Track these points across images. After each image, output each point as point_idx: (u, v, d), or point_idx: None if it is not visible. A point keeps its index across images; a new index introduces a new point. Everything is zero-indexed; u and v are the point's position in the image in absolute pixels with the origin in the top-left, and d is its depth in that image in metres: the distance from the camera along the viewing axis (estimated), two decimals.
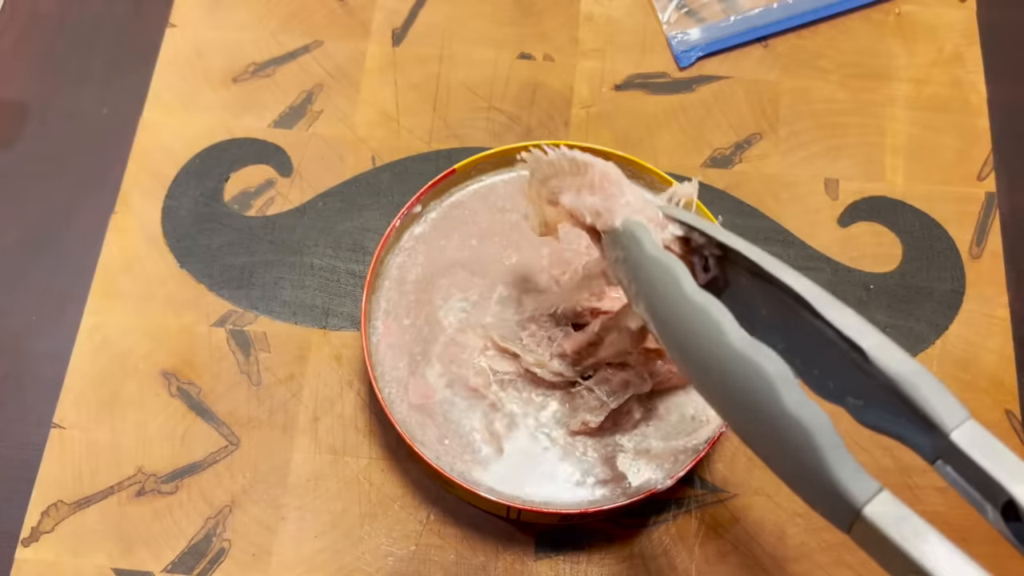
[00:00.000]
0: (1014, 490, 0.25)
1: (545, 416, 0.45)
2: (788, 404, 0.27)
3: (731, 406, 0.30)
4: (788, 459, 0.28)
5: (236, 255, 0.51)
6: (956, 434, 0.26)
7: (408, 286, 0.47)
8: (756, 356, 0.28)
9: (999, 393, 0.48)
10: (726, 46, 0.57)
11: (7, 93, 0.56)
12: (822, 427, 0.27)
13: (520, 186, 0.50)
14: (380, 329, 0.46)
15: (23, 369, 0.49)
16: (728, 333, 0.29)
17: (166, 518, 0.45)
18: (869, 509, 0.26)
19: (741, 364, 0.28)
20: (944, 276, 0.51)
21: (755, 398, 0.28)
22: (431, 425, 0.44)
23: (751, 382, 0.28)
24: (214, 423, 0.47)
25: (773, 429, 0.28)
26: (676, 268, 0.32)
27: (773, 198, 0.53)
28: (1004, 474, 0.25)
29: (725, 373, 0.29)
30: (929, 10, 0.58)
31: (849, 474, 0.26)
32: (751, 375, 0.28)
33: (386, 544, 0.45)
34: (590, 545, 0.45)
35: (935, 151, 0.54)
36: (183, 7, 0.58)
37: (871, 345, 0.28)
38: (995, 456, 0.26)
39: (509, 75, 0.56)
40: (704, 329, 0.30)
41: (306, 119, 0.55)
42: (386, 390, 0.45)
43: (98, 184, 0.53)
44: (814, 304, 0.30)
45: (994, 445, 0.26)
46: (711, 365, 0.30)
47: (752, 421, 0.29)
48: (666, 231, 0.35)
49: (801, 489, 0.28)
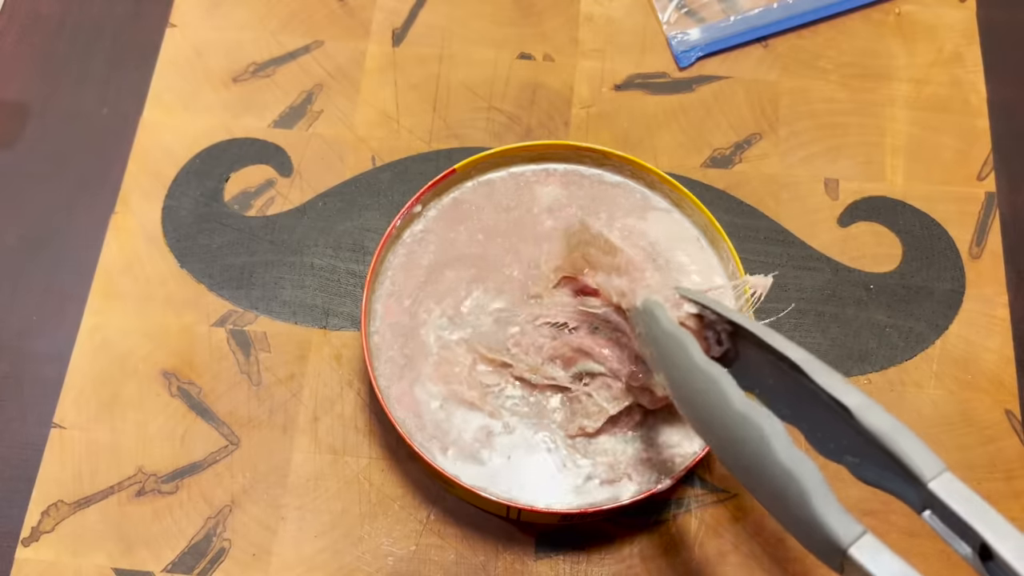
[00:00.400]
0: (986, 535, 0.28)
1: (544, 418, 0.45)
2: (780, 455, 0.31)
3: (734, 458, 0.34)
4: (782, 505, 0.31)
5: (236, 255, 0.51)
6: (933, 484, 0.29)
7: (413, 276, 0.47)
8: (753, 415, 0.32)
9: (999, 393, 0.48)
10: (726, 46, 0.57)
11: (7, 93, 0.56)
12: (810, 475, 0.30)
13: (518, 183, 0.50)
14: (381, 312, 0.46)
15: (23, 369, 0.49)
16: (730, 396, 0.33)
17: (166, 518, 0.45)
18: (854, 550, 0.28)
19: (741, 422, 0.32)
20: (944, 276, 0.51)
21: (753, 451, 0.32)
22: (429, 427, 0.44)
23: (750, 438, 0.32)
24: (214, 423, 0.47)
25: (769, 478, 0.31)
26: (687, 341, 0.36)
27: (773, 198, 0.53)
28: (977, 520, 0.28)
29: (728, 430, 0.33)
30: (929, 10, 0.58)
31: (835, 517, 0.29)
32: (750, 432, 0.32)
33: (386, 544, 0.45)
34: (590, 545, 0.45)
35: (935, 151, 0.54)
36: (183, 7, 0.58)
37: (855, 404, 0.31)
38: (969, 504, 0.29)
39: (509, 75, 0.56)
40: (711, 393, 0.34)
41: (306, 119, 0.55)
42: (385, 388, 0.45)
43: (98, 184, 0.53)
44: (805, 369, 0.33)
45: (968, 495, 0.29)
46: (717, 424, 0.34)
47: (752, 472, 0.32)
48: (681, 309, 0.39)
49: (796, 532, 0.31)
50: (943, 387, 0.48)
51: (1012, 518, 0.46)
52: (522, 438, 0.44)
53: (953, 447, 0.47)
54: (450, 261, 0.48)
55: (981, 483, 0.46)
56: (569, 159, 0.50)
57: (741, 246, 0.51)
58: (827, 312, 0.50)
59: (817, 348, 0.49)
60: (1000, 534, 0.28)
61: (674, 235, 0.49)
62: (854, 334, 0.49)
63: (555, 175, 0.50)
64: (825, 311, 0.50)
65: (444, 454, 0.44)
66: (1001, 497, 0.46)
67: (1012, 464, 0.47)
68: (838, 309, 0.50)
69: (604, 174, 0.50)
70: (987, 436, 0.47)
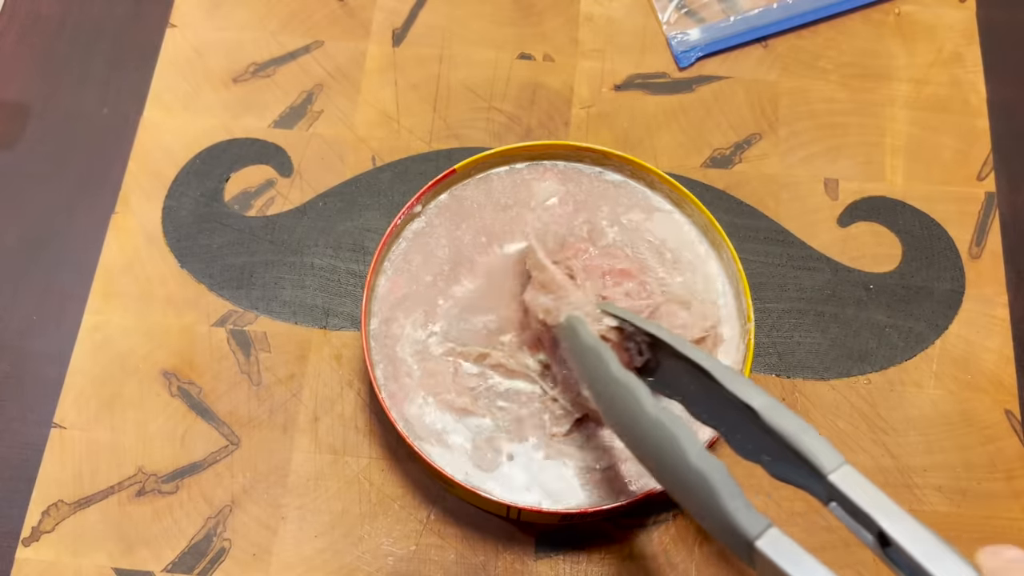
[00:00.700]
0: (882, 522, 0.29)
1: (539, 420, 0.45)
2: (691, 458, 0.33)
3: (653, 462, 0.36)
4: (696, 504, 0.33)
5: (236, 255, 0.51)
6: (834, 476, 0.31)
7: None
8: (666, 421, 0.34)
9: (999, 393, 0.48)
10: (726, 46, 0.57)
11: (7, 93, 0.56)
12: (718, 475, 0.32)
13: (515, 180, 0.50)
14: (386, 284, 0.47)
15: (24, 369, 0.49)
16: (645, 404, 0.35)
17: (166, 518, 0.45)
18: (760, 542, 0.30)
19: (655, 427, 0.35)
20: (944, 276, 0.51)
21: (668, 455, 0.34)
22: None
23: (664, 442, 0.34)
24: (214, 423, 0.47)
25: (683, 479, 0.33)
26: (605, 353, 0.38)
27: (773, 198, 0.53)
28: (874, 509, 0.30)
29: (645, 436, 0.35)
30: (929, 10, 0.58)
31: (742, 513, 0.31)
32: (664, 437, 0.34)
33: (386, 544, 0.45)
34: (590, 545, 0.45)
35: (935, 151, 0.54)
36: (183, 7, 0.58)
37: (760, 405, 0.34)
38: (866, 494, 0.30)
39: (509, 75, 0.56)
40: (628, 402, 0.36)
41: (306, 119, 0.55)
42: (386, 388, 0.45)
43: (98, 184, 0.53)
44: (714, 374, 0.36)
45: (865, 485, 0.31)
46: (635, 431, 0.36)
47: (668, 474, 0.35)
48: (602, 323, 0.41)
49: (711, 529, 0.33)
50: (943, 387, 0.48)
51: (1013, 518, 0.46)
52: (520, 441, 0.44)
53: (953, 447, 0.47)
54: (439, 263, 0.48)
55: (981, 483, 0.46)
56: (569, 159, 0.50)
57: (741, 246, 0.51)
58: (827, 312, 0.50)
59: (817, 348, 0.49)
60: (895, 521, 0.29)
61: (675, 236, 0.49)
62: (854, 334, 0.50)
63: (553, 171, 0.50)
64: (825, 311, 0.50)
65: (444, 454, 0.44)
66: (1001, 497, 0.46)
67: (1012, 464, 0.47)
68: (838, 309, 0.50)
69: (604, 173, 0.50)
70: (987, 436, 0.47)
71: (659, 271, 0.47)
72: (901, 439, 0.47)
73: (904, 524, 0.29)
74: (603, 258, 0.46)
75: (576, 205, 0.49)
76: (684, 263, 0.48)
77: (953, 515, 0.45)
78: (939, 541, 0.28)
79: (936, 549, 0.28)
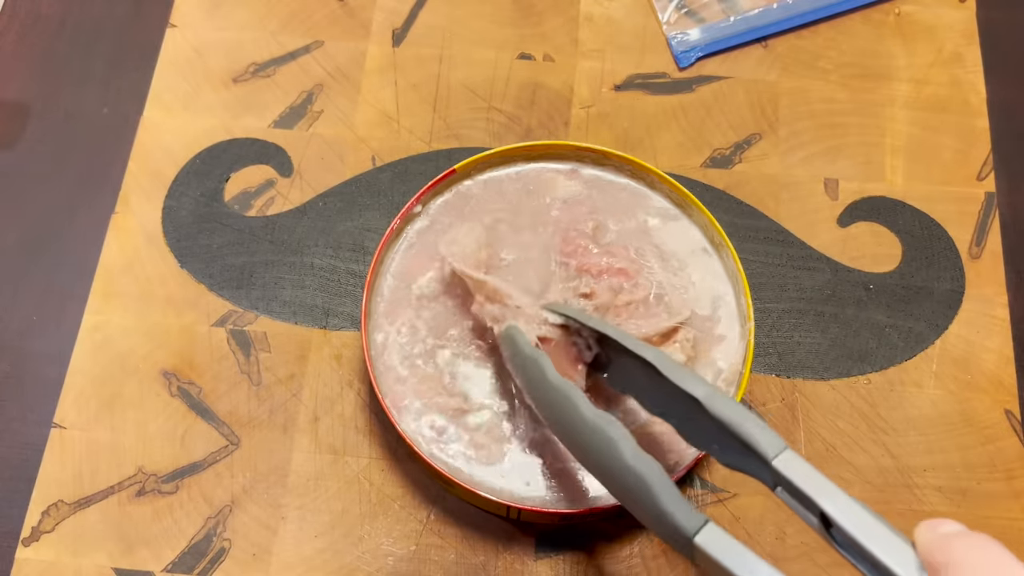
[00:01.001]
0: (824, 504, 0.30)
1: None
2: (627, 457, 0.34)
3: (592, 463, 0.37)
4: (635, 502, 0.34)
5: (236, 255, 0.51)
6: (776, 461, 0.32)
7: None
8: (602, 424, 0.35)
9: (999, 393, 0.48)
10: (726, 46, 0.57)
11: (7, 93, 0.56)
12: (654, 473, 0.33)
13: (514, 180, 0.50)
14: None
15: (23, 369, 0.49)
16: (582, 408, 0.36)
17: (166, 518, 0.45)
18: (699, 538, 0.31)
19: (593, 431, 0.35)
20: (944, 276, 0.51)
21: (605, 455, 0.35)
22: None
23: (601, 444, 0.35)
24: (214, 423, 0.47)
25: (621, 478, 0.34)
26: (541, 359, 0.39)
27: (773, 198, 0.53)
28: (815, 492, 0.30)
29: (583, 438, 0.36)
30: (929, 10, 0.58)
31: (679, 510, 0.32)
32: (601, 439, 0.35)
33: (386, 544, 0.45)
34: (590, 545, 0.45)
35: (935, 151, 0.54)
36: (183, 7, 0.58)
37: (702, 395, 0.35)
38: (808, 478, 0.31)
39: (509, 75, 0.56)
40: (566, 407, 0.37)
41: (306, 119, 0.55)
42: (386, 389, 0.45)
43: (98, 184, 0.53)
44: (657, 366, 0.36)
45: (807, 469, 0.31)
46: (574, 433, 0.37)
47: (607, 473, 0.35)
48: (545, 325, 0.42)
49: (651, 526, 0.34)
50: (943, 387, 0.48)
51: (1013, 518, 0.46)
52: (518, 442, 0.44)
53: (953, 447, 0.47)
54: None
55: (981, 483, 0.46)
56: (569, 159, 0.50)
57: (741, 246, 0.51)
58: (827, 312, 0.50)
59: (817, 348, 0.49)
60: (835, 502, 0.30)
61: (677, 236, 0.49)
62: (854, 334, 0.50)
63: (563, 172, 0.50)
64: (825, 311, 0.50)
65: (443, 454, 0.44)
66: (1001, 497, 0.46)
67: (1012, 464, 0.47)
68: (838, 309, 0.50)
69: (604, 174, 0.50)
70: (987, 436, 0.47)
71: (657, 271, 0.47)
72: (901, 439, 0.47)
73: (843, 505, 0.30)
74: (603, 256, 0.47)
75: (585, 203, 0.49)
76: (685, 263, 0.48)
77: (953, 515, 0.45)
78: (877, 520, 0.29)
79: (875, 528, 0.29)
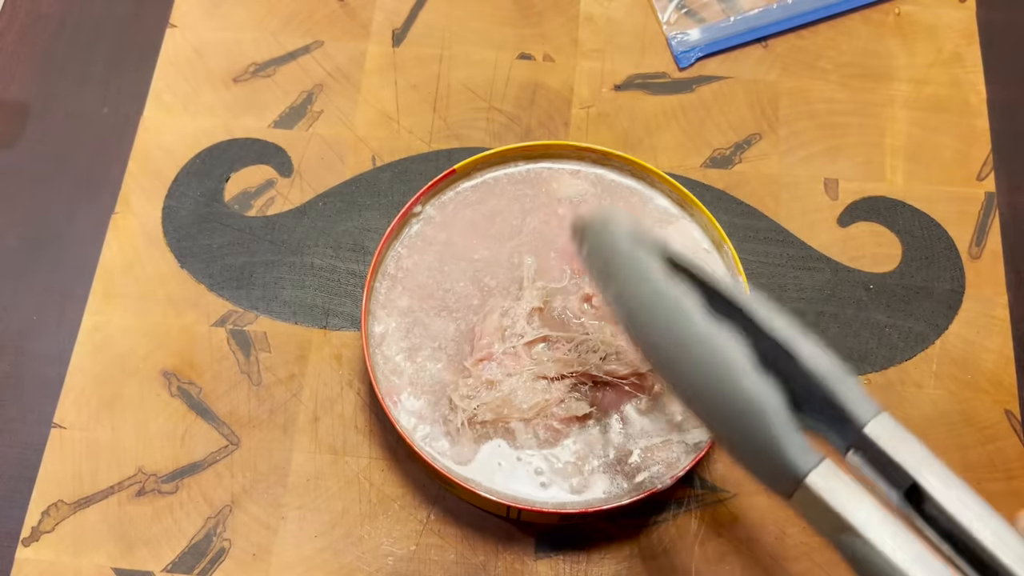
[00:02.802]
0: (917, 475, 0.28)
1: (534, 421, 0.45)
2: (744, 380, 0.30)
3: (690, 385, 0.32)
4: (740, 431, 0.30)
5: (236, 255, 0.51)
6: (869, 427, 0.29)
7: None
8: (717, 338, 0.31)
9: (998, 393, 0.48)
10: (726, 46, 0.57)
11: (7, 93, 0.56)
12: (773, 400, 0.29)
13: (514, 181, 0.50)
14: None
15: (24, 369, 0.49)
16: (694, 317, 0.31)
17: (166, 518, 0.45)
18: (812, 477, 0.28)
19: (702, 343, 0.31)
20: (944, 276, 0.51)
21: (716, 377, 0.30)
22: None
23: (713, 363, 0.30)
24: (214, 423, 0.47)
25: (727, 403, 0.30)
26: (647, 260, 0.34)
27: (773, 198, 0.53)
28: (911, 460, 0.28)
29: (686, 352, 0.31)
30: (929, 10, 0.58)
31: (794, 444, 0.29)
32: (715, 357, 0.30)
33: (386, 544, 0.45)
34: (590, 545, 0.45)
35: (935, 151, 0.54)
36: (183, 7, 0.58)
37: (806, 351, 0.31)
38: (903, 445, 0.29)
39: (509, 75, 0.56)
40: (671, 313, 0.32)
41: (306, 119, 0.55)
42: (385, 389, 0.45)
43: (98, 184, 0.53)
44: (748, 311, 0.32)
45: (904, 436, 0.29)
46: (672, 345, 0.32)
47: (705, 395, 0.31)
48: None
49: (751, 462, 0.31)
50: (943, 387, 0.48)
51: (1013, 519, 0.46)
52: (518, 442, 0.44)
53: (953, 447, 0.47)
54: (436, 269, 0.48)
55: (981, 483, 0.46)
56: (569, 159, 0.51)
57: (741, 246, 0.51)
58: (827, 312, 0.50)
59: None
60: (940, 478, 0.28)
61: (676, 237, 0.49)
62: (854, 334, 0.50)
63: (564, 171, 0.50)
64: (825, 311, 0.50)
65: (443, 454, 0.44)
66: (1001, 497, 0.46)
67: (1012, 464, 0.47)
68: (838, 309, 0.50)
69: (604, 173, 0.50)
70: (987, 436, 0.47)
71: None
72: None
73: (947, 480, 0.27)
74: None
75: (588, 204, 0.49)
76: None
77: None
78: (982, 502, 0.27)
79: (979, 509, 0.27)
